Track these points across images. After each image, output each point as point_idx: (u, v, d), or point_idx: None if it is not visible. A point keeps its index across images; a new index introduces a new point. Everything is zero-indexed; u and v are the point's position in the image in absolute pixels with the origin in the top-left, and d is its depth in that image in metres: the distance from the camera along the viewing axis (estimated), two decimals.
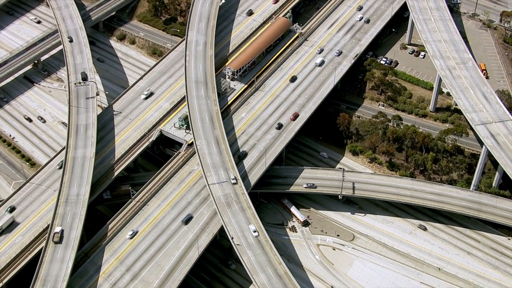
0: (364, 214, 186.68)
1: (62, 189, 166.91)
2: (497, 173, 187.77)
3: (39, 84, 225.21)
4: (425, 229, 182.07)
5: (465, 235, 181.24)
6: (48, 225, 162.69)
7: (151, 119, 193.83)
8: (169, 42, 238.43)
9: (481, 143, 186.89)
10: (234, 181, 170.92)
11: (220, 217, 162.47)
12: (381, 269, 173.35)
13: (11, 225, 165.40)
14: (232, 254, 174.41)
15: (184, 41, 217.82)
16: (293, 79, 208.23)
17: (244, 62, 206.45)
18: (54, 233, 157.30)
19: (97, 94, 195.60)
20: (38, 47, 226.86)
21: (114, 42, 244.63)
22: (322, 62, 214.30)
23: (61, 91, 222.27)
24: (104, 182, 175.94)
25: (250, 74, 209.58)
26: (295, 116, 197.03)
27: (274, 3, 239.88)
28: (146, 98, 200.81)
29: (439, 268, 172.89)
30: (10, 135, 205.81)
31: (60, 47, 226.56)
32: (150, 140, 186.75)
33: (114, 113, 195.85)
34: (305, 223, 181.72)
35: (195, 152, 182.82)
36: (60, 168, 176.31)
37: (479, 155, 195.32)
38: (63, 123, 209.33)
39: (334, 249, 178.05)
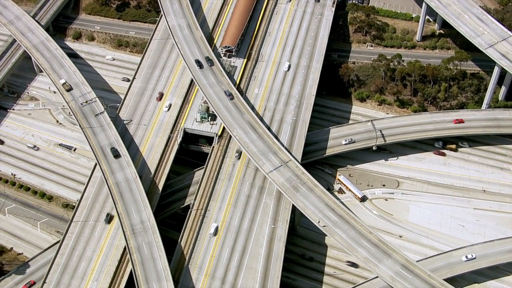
0: (396, 158, 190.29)
1: (122, 221, 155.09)
2: (503, 87, 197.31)
3: (13, 109, 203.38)
4: None
5: (491, 152, 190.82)
6: (121, 262, 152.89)
7: (167, 119, 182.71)
8: (131, 30, 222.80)
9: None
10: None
11: (294, 203, 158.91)
12: (435, 206, 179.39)
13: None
14: (295, 233, 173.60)
15: (161, 28, 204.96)
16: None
17: (238, 35, 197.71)
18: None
19: (105, 109, 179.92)
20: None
21: (71, 43, 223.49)
22: None
23: (41, 110, 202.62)
24: (152, 199, 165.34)
25: (242, 48, 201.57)
26: None
27: None
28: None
29: (484, 190, 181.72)
30: (12, 173, 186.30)
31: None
32: (178, 141, 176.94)
33: (125, 122, 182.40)
34: (363, 199, 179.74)
35: (229, 142, 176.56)
36: None
37: (478, 73, 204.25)
38: (60, 145, 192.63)
39: (386, 200, 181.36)
